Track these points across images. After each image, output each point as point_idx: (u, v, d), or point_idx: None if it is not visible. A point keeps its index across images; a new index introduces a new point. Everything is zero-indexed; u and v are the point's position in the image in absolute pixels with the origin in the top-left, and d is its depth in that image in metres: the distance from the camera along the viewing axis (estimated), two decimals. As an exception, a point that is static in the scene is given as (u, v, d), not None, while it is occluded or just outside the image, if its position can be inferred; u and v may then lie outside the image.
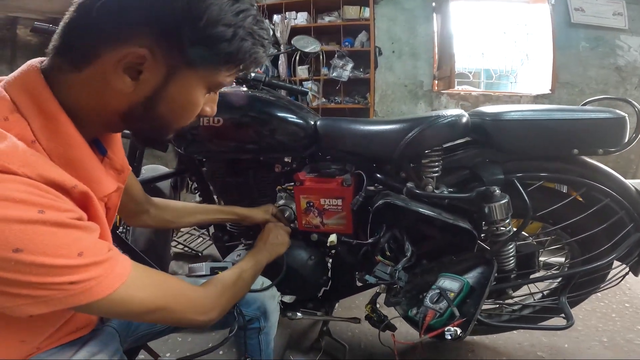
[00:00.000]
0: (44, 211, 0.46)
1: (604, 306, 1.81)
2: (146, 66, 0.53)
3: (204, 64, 0.57)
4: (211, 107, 0.67)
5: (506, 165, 1.09)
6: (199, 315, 0.71)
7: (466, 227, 1.03)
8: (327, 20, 4.08)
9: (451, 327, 0.91)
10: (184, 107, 0.61)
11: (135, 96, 0.56)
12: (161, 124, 0.61)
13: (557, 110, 1.04)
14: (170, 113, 0.60)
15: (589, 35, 3.45)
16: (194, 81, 0.58)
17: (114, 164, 0.69)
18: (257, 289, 1.03)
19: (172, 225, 1.14)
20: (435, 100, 3.99)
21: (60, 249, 0.47)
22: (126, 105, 0.57)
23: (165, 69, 0.55)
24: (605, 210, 1.07)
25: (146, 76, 0.54)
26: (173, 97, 0.58)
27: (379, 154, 1.14)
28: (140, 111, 0.57)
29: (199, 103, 0.62)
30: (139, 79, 0.54)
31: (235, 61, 0.58)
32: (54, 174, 0.50)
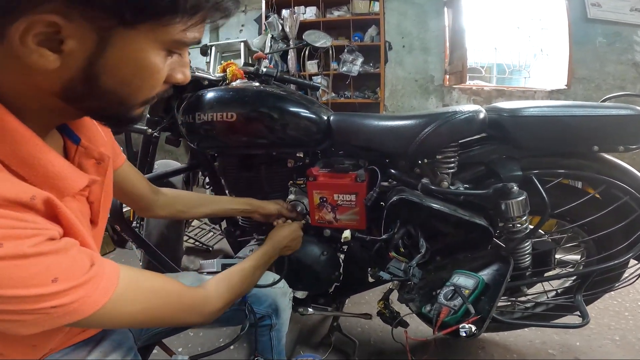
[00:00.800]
0: (1, 244, 0.41)
1: (617, 304, 1.79)
2: (66, 34, 0.43)
3: (143, 19, 0.45)
4: (182, 72, 0.56)
5: (523, 162, 1.08)
6: (197, 317, 0.70)
7: (482, 224, 1.02)
8: (336, 15, 4.06)
9: (466, 324, 0.90)
10: (135, 74, 0.49)
11: (67, 71, 0.46)
12: (116, 98, 0.51)
13: (576, 106, 1.02)
14: (121, 84, 0.49)
15: (607, 30, 3.39)
16: (138, 42, 0.47)
17: (90, 153, 0.62)
18: (266, 284, 1.03)
19: (184, 216, 1.13)
20: (446, 95, 3.96)
21: (30, 280, 0.43)
22: (59, 83, 0.47)
23: (93, 33, 0.44)
24: (624, 208, 1.05)
25: (71, 46, 0.44)
26: (117, 65, 0.47)
27: (393, 150, 1.13)
28: (80, 88, 0.47)
29: (157, 67, 0.50)
30: (62, 50, 0.44)
31: (187, 9, 0.46)
32: (3, 190, 0.43)
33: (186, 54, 0.56)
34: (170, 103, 1.37)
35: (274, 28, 3.98)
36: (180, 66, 0.56)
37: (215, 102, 1.17)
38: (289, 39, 3.93)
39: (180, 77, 0.56)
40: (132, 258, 2.36)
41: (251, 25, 4.42)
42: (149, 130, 1.41)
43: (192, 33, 0.50)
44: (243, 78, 1.39)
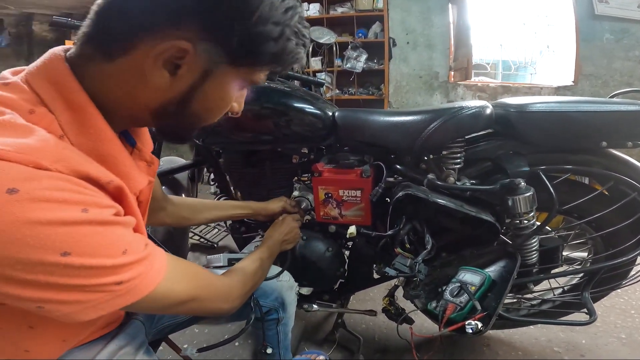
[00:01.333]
0: (87, 210, 0.44)
1: (623, 302, 1.77)
2: (186, 61, 0.49)
3: (247, 63, 0.53)
4: (239, 103, 0.63)
5: (530, 158, 1.07)
6: (224, 303, 0.72)
7: (489, 220, 1.02)
8: (340, 11, 4.05)
9: (472, 321, 0.90)
10: (219, 104, 0.57)
11: (170, 92, 0.52)
12: (195, 121, 0.58)
13: (584, 102, 1.01)
14: (204, 111, 0.56)
15: (614, 27, 3.37)
16: (231, 79, 0.55)
17: (143, 156, 0.66)
18: (271, 276, 1.03)
19: (188, 223, 1.13)
20: (451, 92, 3.95)
21: (107, 249, 0.46)
22: (159, 101, 0.53)
23: (205, 64, 0.51)
24: (632, 204, 1.04)
25: (184, 72, 0.50)
26: (209, 95, 0.54)
27: (399, 146, 1.13)
28: (173, 108, 0.54)
29: (232, 100, 0.58)
30: (176, 74, 0.50)
31: (278, 61, 0.55)
32: (89, 168, 0.47)
33: (246, 89, 0.63)
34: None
35: (278, 25, 3.96)
36: (240, 98, 0.63)
37: (219, 99, 1.17)
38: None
39: (237, 107, 0.63)
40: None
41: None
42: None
43: (265, 76, 0.58)
44: (248, 74, 1.38)
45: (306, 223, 1.37)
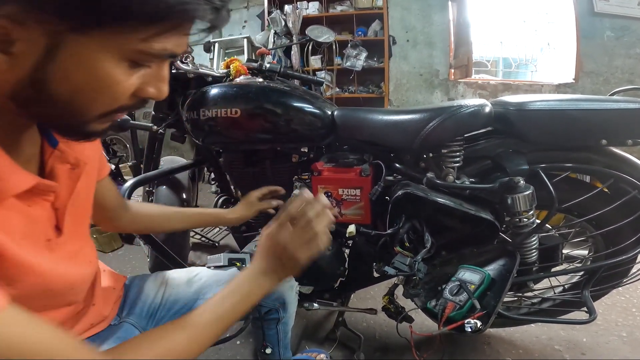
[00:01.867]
0: None
1: (624, 301, 1.76)
2: (15, 37, 0.41)
3: (92, 25, 0.41)
4: (156, 86, 0.51)
5: (530, 156, 1.07)
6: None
7: (488, 219, 1.01)
8: (339, 10, 4.04)
9: (471, 320, 0.90)
10: (88, 84, 0.45)
11: (15, 73, 0.43)
12: (68, 108, 0.47)
13: (584, 100, 1.01)
14: (72, 93, 0.46)
15: (615, 24, 3.36)
16: (91, 50, 0.43)
17: (66, 157, 0.60)
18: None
19: (148, 232, 1.08)
20: (452, 90, 3.94)
21: None
22: (8, 85, 0.45)
23: (43, 37, 0.41)
24: (633, 202, 1.04)
25: (20, 48, 0.41)
26: (68, 73, 0.44)
27: (398, 144, 1.13)
28: (29, 92, 0.45)
29: (115, 79, 0.46)
30: (11, 52, 0.42)
31: (143, 17, 0.42)
32: None
33: (164, 67, 0.52)
34: (174, 100, 1.38)
35: (276, 24, 3.96)
36: (157, 80, 0.51)
37: (219, 98, 1.17)
38: (292, 35, 3.91)
39: (153, 91, 0.51)
40: (140, 254, 2.37)
41: (254, 21, 4.41)
42: (154, 127, 1.42)
43: (160, 44, 0.45)
44: (247, 74, 1.39)
45: None
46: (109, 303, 0.82)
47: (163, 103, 1.42)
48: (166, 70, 0.52)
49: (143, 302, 0.88)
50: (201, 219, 1.11)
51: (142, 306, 0.87)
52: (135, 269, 2.29)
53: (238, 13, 4.54)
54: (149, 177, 1.45)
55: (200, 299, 0.93)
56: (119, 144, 3.81)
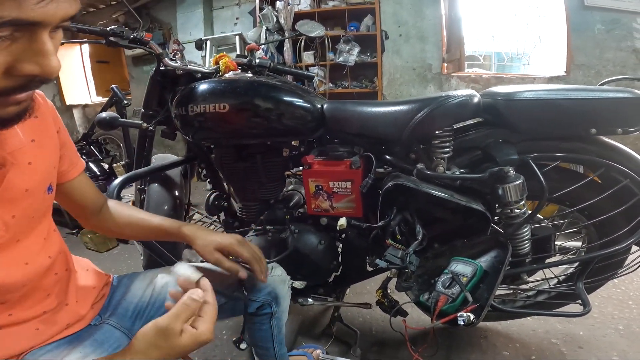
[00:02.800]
0: None
1: (620, 293, 1.76)
2: None
3: None
4: (35, 61, 0.44)
5: (520, 146, 1.06)
6: None
7: (479, 209, 1.01)
8: (331, 5, 4.01)
9: (464, 313, 0.90)
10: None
11: None
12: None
13: (573, 89, 1.01)
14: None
15: (605, 17, 3.36)
16: None
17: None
18: None
19: (113, 235, 1.02)
20: (445, 83, 3.94)
21: None
22: None
23: None
24: (624, 191, 1.04)
25: None
26: None
27: (387, 136, 1.12)
28: None
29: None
30: None
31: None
32: None
33: (38, 39, 0.44)
34: (164, 97, 1.36)
35: (268, 20, 3.94)
36: (33, 55, 0.44)
37: (207, 94, 1.16)
38: (284, 31, 3.89)
39: (32, 68, 0.44)
40: (135, 253, 2.36)
41: (246, 18, 4.39)
42: (143, 124, 1.41)
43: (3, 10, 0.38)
44: (236, 69, 1.38)
45: (298, 216, 1.37)
46: (86, 303, 0.80)
47: (152, 100, 1.40)
48: (43, 43, 0.44)
49: (129, 302, 0.87)
50: (168, 234, 0.93)
51: (128, 306, 0.86)
52: (131, 268, 2.29)
53: (230, 10, 4.52)
54: (138, 174, 1.44)
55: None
56: (112, 143, 3.79)
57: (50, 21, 0.43)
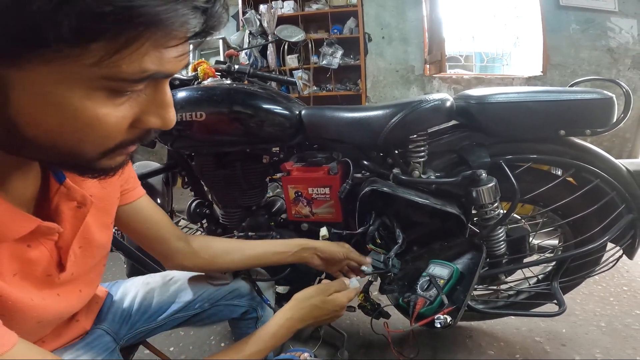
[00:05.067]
0: None
1: (601, 289, 1.79)
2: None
3: (15, 55, 0.34)
4: (157, 114, 0.45)
5: (493, 148, 1.07)
6: None
7: (454, 212, 1.02)
8: (315, 8, 4.03)
9: (441, 316, 0.90)
10: (65, 125, 0.39)
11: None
12: (58, 151, 0.42)
13: (542, 92, 1.02)
14: (52, 136, 0.40)
15: (579, 17, 3.43)
16: (46, 85, 0.36)
17: (72, 195, 0.58)
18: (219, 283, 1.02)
19: (211, 267, 0.95)
20: (427, 85, 3.97)
21: None
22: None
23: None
24: (596, 191, 1.06)
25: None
26: (33, 115, 0.38)
27: (363, 141, 1.13)
28: (8, 138, 0.40)
29: (94, 114, 0.39)
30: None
31: (74, 37, 0.33)
32: None
33: (161, 91, 0.44)
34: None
35: (251, 24, 3.94)
36: (156, 107, 0.44)
37: (184, 102, 1.16)
38: (267, 35, 3.89)
39: (155, 121, 0.45)
40: (119, 260, 2.33)
41: (229, 21, 4.37)
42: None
43: (133, 64, 0.37)
44: (215, 76, 1.37)
45: (281, 222, 1.37)
46: (92, 317, 0.82)
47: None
48: (165, 94, 0.45)
49: (116, 308, 0.88)
50: (278, 250, 0.99)
51: (116, 312, 0.87)
52: (116, 275, 2.26)
53: (213, 14, 4.48)
54: (117, 183, 1.42)
55: (176, 302, 0.93)
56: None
57: (176, 72, 0.43)
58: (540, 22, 3.49)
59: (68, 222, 0.58)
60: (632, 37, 3.38)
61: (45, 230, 0.54)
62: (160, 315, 0.91)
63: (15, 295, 0.51)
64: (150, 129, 0.46)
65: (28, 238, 0.52)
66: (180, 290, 0.95)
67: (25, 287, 0.53)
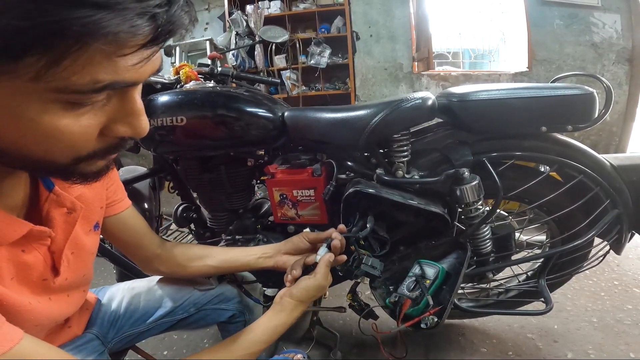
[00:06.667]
0: None
1: (592, 284, 1.80)
2: None
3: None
4: (127, 123, 0.45)
5: (476, 146, 1.07)
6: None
7: (437, 212, 1.01)
8: (302, 7, 4.01)
9: (427, 316, 0.90)
10: (30, 136, 0.39)
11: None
12: (32, 158, 0.42)
13: (523, 88, 1.02)
14: (21, 145, 0.40)
15: (563, 12, 3.44)
16: (5, 97, 0.36)
17: (62, 201, 0.59)
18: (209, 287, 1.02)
19: (184, 272, 0.94)
20: (416, 82, 3.98)
21: None
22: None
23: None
24: (580, 187, 1.05)
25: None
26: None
27: (345, 142, 1.11)
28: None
29: (54, 126, 0.39)
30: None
31: (12, 48, 0.33)
32: None
33: (130, 100, 0.44)
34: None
35: (237, 25, 3.91)
36: (126, 116, 0.44)
37: (164, 107, 1.14)
38: (254, 35, 3.87)
39: (125, 130, 0.45)
40: (110, 266, 2.31)
41: (215, 22, 4.34)
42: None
43: (85, 76, 0.36)
44: (197, 79, 1.35)
45: (268, 225, 1.36)
46: (83, 323, 0.85)
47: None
48: (134, 103, 0.45)
49: (104, 313, 0.90)
50: (249, 254, 0.97)
51: (104, 316, 0.89)
52: (107, 280, 2.25)
53: (200, 15, 4.45)
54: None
55: (162, 307, 0.94)
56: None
57: (142, 80, 0.43)
58: (524, 17, 3.50)
59: (59, 228, 0.60)
60: (615, 31, 3.40)
61: (38, 234, 0.56)
62: (147, 320, 0.93)
63: (14, 299, 0.52)
64: (124, 137, 0.47)
65: (21, 243, 0.54)
66: (166, 295, 0.96)
67: (23, 291, 0.55)
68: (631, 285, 1.79)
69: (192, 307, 0.97)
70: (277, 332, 0.80)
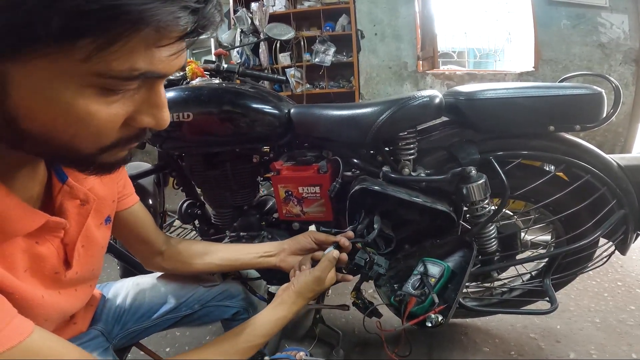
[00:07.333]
0: None
1: (595, 285, 1.79)
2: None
3: (18, 48, 0.35)
4: (150, 114, 0.46)
5: (483, 145, 1.07)
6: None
7: (444, 210, 1.01)
8: (307, 5, 4.00)
9: (432, 315, 0.90)
10: (59, 120, 0.40)
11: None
12: (56, 144, 0.43)
13: (531, 87, 1.02)
14: (48, 130, 0.41)
15: (570, 12, 3.42)
16: (41, 79, 0.38)
17: (75, 193, 0.60)
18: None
19: (188, 269, 0.94)
20: (420, 81, 3.97)
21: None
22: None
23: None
24: (587, 187, 1.05)
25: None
26: (31, 109, 0.40)
27: (352, 139, 1.11)
28: (8, 131, 0.42)
29: (85, 110, 0.40)
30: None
31: (62, 33, 0.34)
32: None
33: (156, 91, 0.46)
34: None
35: (242, 22, 3.91)
36: (150, 107, 0.46)
37: (171, 103, 1.14)
38: (259, 33, 3.86)
39: (148, 120, 0.46)
40: (114, 261, 2.32)
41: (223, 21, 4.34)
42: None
43: (124, 63, 0.38)
44: (204, 76, 1.36)
45: (272, 222, 1.36)
46: (88, 319, 0.85)
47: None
48: (159, 94, 0.47)
49: (109, 309, 0.90)
50: (252, 251, 0.98)
51: (109, 312, 0.89)
52: (111, 276, 2.26)
53: (204, 13, 4.45)
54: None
55: (166, 303, 0.95)
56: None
57: (170, 73, 0.44)
58: (531, 17, 3.49)
59: (73, 220, 0.61)
60: (623, 32, 3.38)
61: (53, 225, 0.56)
62: (151, 316, 0.93)
63: (27, 291, 0.53)
64: (145, 128, 0.48)
65: (36, 234, 0.54)
66: (171, 291, 0.96)
67: (35, 284, 0.55)
68: (634, 286, 1.79)
69: (197, 304, 0.97)
70: (277, 325, 0.80)
